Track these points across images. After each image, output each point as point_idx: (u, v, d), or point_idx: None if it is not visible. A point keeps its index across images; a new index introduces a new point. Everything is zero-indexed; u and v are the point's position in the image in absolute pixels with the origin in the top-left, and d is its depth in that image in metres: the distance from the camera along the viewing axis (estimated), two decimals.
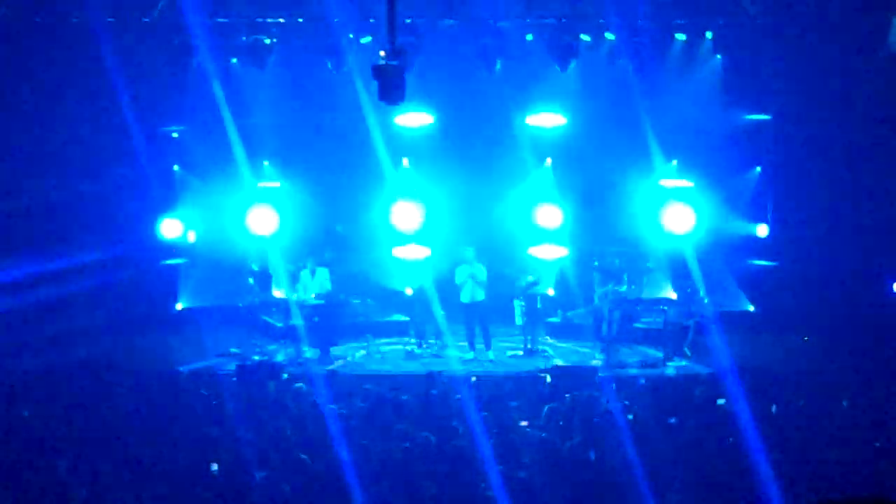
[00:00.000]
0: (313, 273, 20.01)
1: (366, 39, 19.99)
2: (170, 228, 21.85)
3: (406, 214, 21.81)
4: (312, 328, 19.90)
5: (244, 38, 20.00)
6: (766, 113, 21.23)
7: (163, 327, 20.65)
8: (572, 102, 21.56)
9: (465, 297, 19.77)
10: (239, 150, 22.31)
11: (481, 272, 19.65)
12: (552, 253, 22.14)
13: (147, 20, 19.51)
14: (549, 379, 17.29)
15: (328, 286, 20.04)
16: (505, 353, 20.22)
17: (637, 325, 21.19)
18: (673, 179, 21.83)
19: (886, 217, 20.02)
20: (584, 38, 19.95)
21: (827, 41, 19.23)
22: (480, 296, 19.70)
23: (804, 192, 20.90)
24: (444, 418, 13.68)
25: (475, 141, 22.30)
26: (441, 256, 21.99)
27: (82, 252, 20.09)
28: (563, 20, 19.59)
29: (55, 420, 13.61)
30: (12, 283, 19.23)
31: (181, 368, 18.41)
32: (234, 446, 12.55)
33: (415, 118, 21.77)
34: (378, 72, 13.17)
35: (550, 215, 21.86)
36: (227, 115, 21.74)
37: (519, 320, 20.37)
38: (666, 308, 20.39)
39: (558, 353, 20.29)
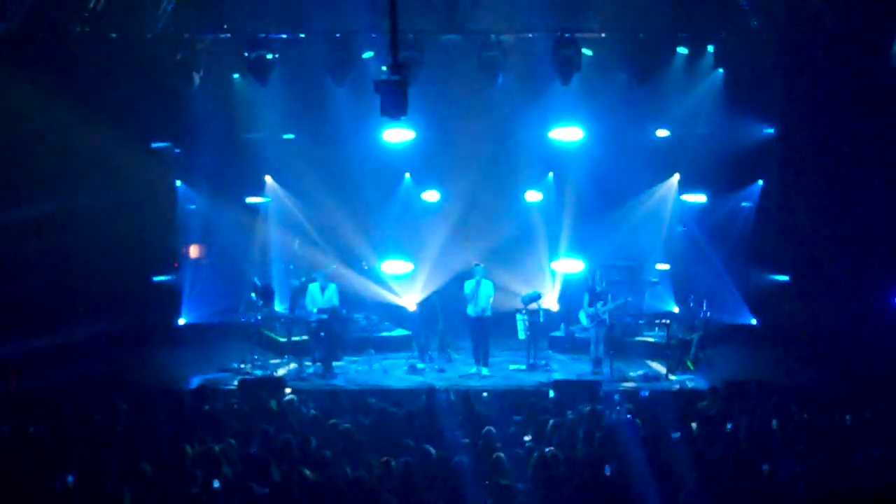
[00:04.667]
0: (323, 288, 20.00)
1: (368, 54, 20.03)
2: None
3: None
4: (316, 343, 19.92)
5: (247, 54, 20.01)
6: (768, 126, 21.24)
7: (166, 343, 20.64)
8: (574, 116, 21.60)
9: (471, 311, 19.78)
10: (241, 165, 22.40)
11: (488, 288, 19.65)
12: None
13: (150, 36, 19.53)
14: (552, 393, 17.28)
15: (336, 301, 20.05)
16: (507, 367, 20.20)
17: (640, 338, 21.20)
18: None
19: (890, 230, 20.00)
20: (586, 52, 19.96)
21: (829, 54, 19.23)
22: (486, 311, 19.70)
23: (807, 205, 20.89)
24: (446, 433, 13.66)
25: (477, 155, 22.33)
26: (446, 271, 22.05)
27: (84, 267, 20.11)
28: (566, 34, 19.59)
29: (60, 435, 13.60)
30: (17, 298, 19.23)
31: (183, 384, 18.42)
32: (236, 461, 12.53)
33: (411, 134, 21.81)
34: (380, 87, 13.19)
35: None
36: (229, 130, 21.82)
37: (522, 334, 20.33)
38: (669, 322, 20.36)
39: (561, 367, 20.27)
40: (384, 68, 13.28)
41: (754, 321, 21.40)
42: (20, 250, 19.60)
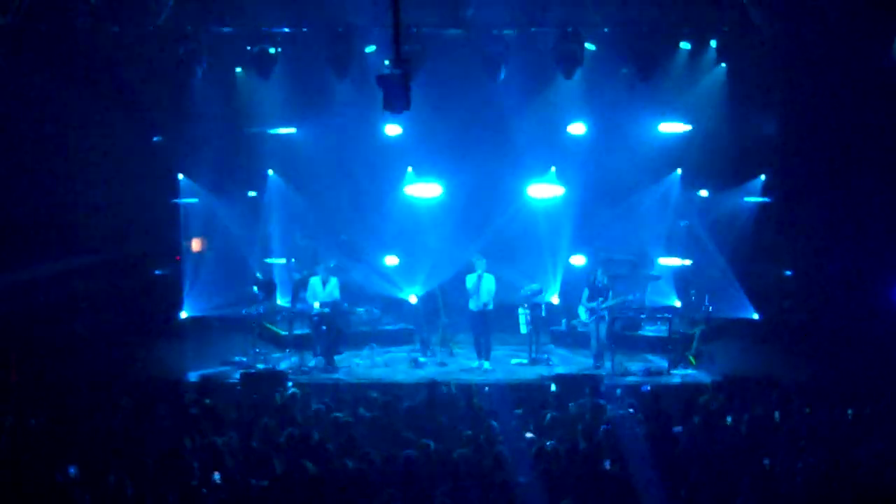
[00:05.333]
0: (325, 282, 19.98)
1: (370, 48, 20.01)
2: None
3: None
4: (318, 336, 19.91)
5: (249, 48, 20.02)
6: (770, 121, 21.21)
7: (167, 336, 20.66)
8: (576, 111, 21.60)
9: (472, 306, 19.76)
10: (243, 159, 22.40)
11: (490, 282, 19.63)
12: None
13: (152, 29, 19.52)
14: (553, 387, 17.29)
15: (336, 294, 20.02)
16: (509, 361, 20.19)
17: (642, 333, 21.18)
18: None
19: (890, 226, 20.00)
20: (589, 46, 19.95)
21: (831, 49, 19.20)
22: (488, 305, 19.68)
23: (809, 200, 20.89)
24: (448, 426, 13.68)
25: (480, 149, 22.32)
26: (448, 265, 22.04)
27: (86, 260, 20.10)
28: (568, 29, 19.58)
29: (61, 429, 13.61)
30: (18, 291, 19.23)
31: (186, 377, 18.44)
32: (237, 455, 12.55)
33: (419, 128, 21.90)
34: (382, 81, 13.17)
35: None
36: (231, 123, 21.81)
37: (524, 329, 20.33)
38: (670, 316, 20.35)
39: (563, 362, 20.26)
40: (387, 62, 13.24)
41: (756, 316, 21.40)
42: (20, 243, 19.59)
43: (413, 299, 22.04)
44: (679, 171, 22.46)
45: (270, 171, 23.12)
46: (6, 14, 17.96)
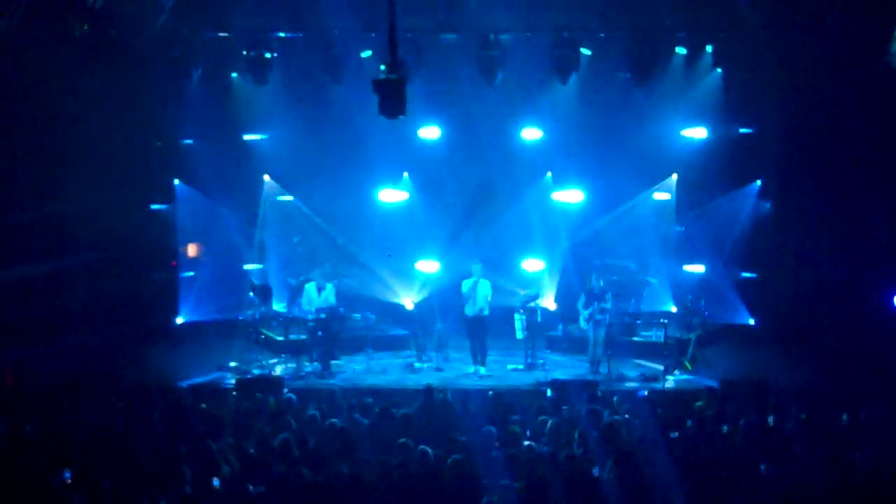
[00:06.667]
0: (320, 288, 19.94)
1: (366, 53, 20.02)
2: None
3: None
4: (314, 342, 19.87)
5: (245, 53, 20.02)
6: (766, 126, 21.23)
7: (163, 341, 20.63)
8: (572, 115, 21.60)
9: (468, 311, 19.74)
10: (239, 164, 22.38)
11: (486, 287, 19.60)
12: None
13: (149, 33, 19.51)
14: (549, 393, 17.27)
15: (332, 300, 19.98)
16: (505, 366, 20.17)
17: (637, 338, 21.17)
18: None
19: (888, 230, 20.00)
20: (585, 51, 19.97)
21: (828, 54, 19.22)
22: (484, 310, 19.66)
23: (805, 204, 20.89)
24: (444, 432, 13.65)
25: (476, 154, 22.33)
26: (443, 269, 22.06)
27: (82, 265, 20.10)
28: (564, 33, 19.61)
29: (56, 434, 13.59)
30: (13, 295, 19.20)
31: (181, 382, 18.41)
32: (234, 460, 12.53)
33: (420, 132, 21.96)
34: (378, 86, 13.17)
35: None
36: (227, 128, 21.80)
37: (520, 334, 20.30)
38: (666, 321, 20.34)
39: (559, 367, 20.24)
40: (382, 67, 13.24)
41: (752, 321, 21.40)
42: (14, 247, 19.57)
43: (409, 305, 22.03)
44: (675, 176, 22.46)
45: (266, 177, 23.09)
46: (3, 18, 17.94)
